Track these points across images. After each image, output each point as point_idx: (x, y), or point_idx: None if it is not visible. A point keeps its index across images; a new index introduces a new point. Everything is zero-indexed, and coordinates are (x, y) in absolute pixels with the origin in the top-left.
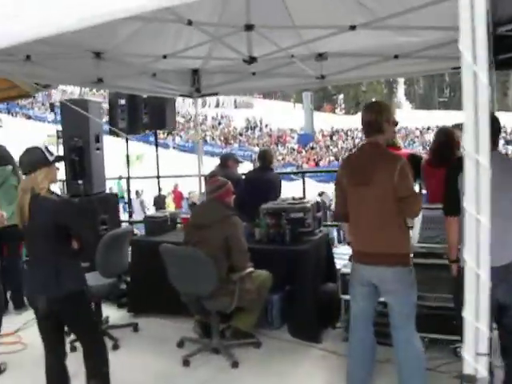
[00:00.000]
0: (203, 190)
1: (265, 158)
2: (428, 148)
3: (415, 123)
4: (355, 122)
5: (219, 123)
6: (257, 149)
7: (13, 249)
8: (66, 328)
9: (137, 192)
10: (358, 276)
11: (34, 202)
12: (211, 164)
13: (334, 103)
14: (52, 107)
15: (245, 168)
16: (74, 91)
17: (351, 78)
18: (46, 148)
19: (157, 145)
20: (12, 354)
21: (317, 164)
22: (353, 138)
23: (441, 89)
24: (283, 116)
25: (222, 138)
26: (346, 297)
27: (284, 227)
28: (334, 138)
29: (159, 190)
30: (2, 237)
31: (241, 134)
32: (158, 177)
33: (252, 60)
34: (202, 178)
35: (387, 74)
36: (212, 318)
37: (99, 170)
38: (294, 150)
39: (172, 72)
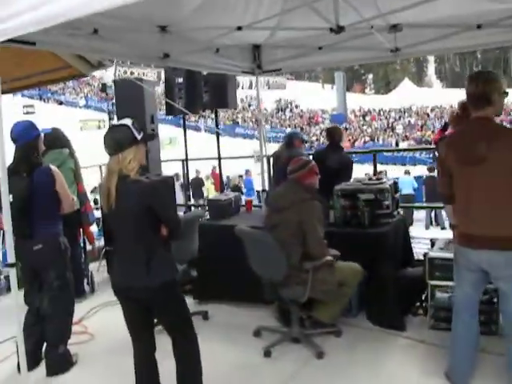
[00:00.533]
0: (265, 171)
1: (334, 135)
2: None
3: (448, 102)
4: (386, 102)
5: (249, 105)
6: (289, 130)
7: (71, 235)
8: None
9: (176, 175)
10: (465, 261)
11: (122, 185)
12: (246, 146)
13: (363, 83)
14: (104, 88)
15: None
16: (103, 76)
17: (428, 50)
18: (134, 124)
19: (217, 124)
20: (81, 344)
21: (352, 144)
22: (386, 118)
23: (471, 67)
24: (312, 97)
25: (254, 120)
26: (434, 282)
27: (362, 209)
28: (367, 118)
29: (220, 171)
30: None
31: (272, 116)
32: (219, 158)
33: (340, 29)
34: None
35: (468, 46)
36: (292, 307)
37: (155, 152)
38: None
39: (234, 47)
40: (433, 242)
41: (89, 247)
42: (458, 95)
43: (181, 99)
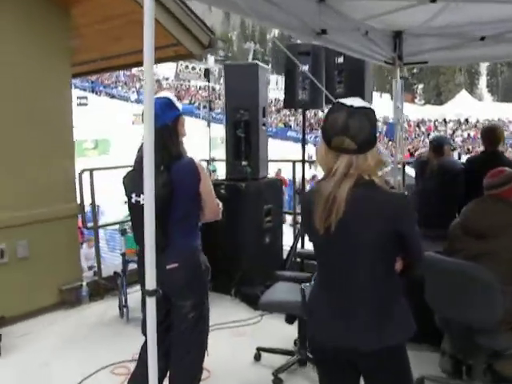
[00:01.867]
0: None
1: (493, 136)
2: None
3: (501, 116)
4: (442, 113)
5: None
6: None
7: None
8: None
9: None
10: None
11: (359, 195)
12: (294, 150)
13: (412, 93)
14: (207, 73)
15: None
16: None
17: None
18: None
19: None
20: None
21: (411, 155)
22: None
23: None
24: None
25: (308, 124)
26: None
27: None
28: (422, 128)
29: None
30: None
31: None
32: (303, 161)
33: None
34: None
35: None
36: (478, 357)
37: (264, 150)
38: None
39: (380, 33)
40: None
41: None
42: (510, 109)
43: (304, 90)
